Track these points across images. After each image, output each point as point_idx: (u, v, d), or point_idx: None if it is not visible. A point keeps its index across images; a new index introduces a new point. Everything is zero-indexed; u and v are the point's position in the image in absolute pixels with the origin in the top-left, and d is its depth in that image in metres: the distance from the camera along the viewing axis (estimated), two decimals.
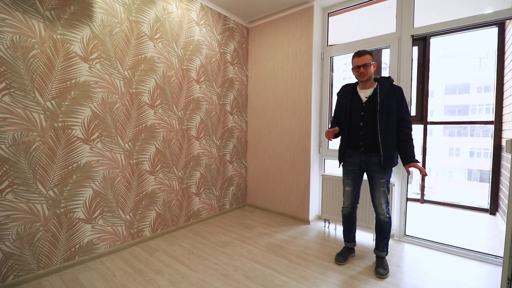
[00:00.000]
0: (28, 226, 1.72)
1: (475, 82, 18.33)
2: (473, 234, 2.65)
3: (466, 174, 17.73)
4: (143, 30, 2.26)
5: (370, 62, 1.87)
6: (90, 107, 1.96)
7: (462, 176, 17.81)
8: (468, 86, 18.63)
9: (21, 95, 1.66)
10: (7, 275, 1.65)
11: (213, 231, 2.62)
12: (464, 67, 19.25)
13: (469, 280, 1.81)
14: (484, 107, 17.81)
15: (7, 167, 1.62)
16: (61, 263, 1.87)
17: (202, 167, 2.85)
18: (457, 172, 17.97)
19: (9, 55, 1.61)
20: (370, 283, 1.77)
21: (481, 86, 18.08)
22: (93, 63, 1.96)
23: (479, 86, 18.16)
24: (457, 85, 18.96)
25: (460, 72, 19.12)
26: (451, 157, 18.26)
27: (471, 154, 17.56)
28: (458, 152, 18.11)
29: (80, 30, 1.89)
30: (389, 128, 1.86)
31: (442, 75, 19.27)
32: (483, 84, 17.93)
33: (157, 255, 2.12)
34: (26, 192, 1.70)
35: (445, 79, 19.30)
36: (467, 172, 17.65)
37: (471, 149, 17.60)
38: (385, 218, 1.91)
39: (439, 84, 19.42)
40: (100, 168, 2.04)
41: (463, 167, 17.68)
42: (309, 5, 2.78)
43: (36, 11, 1.71)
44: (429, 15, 2.83)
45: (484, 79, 17.94)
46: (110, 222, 2.12)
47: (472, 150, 17.51)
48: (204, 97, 2.83)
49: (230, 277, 1.81)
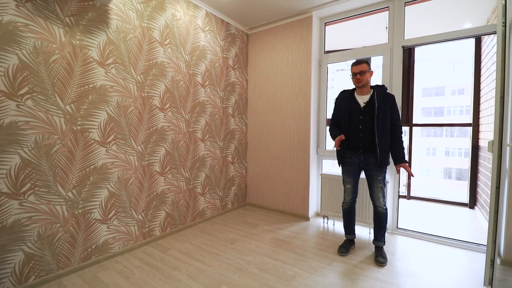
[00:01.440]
0: (49, 227, 1.76)
1: (450, 85, 19.46)
2: (455, 226, 2.93)
3: (442, 172, 18.75)
4: (154, 36, 2.35)
5: (366, 70, 2.07)
6: (106, 111, 2.02)
7: (438, 175, 18.82)
8: (444, 89, 19.73)
9: (43, 99, 1.71)
10: (29, 276, 1.69)
11: (219, 229, 2.73)
12: (440, 71, 20.35)
13: (454, 265, 2.05)
14: (458, 108, 18.94)
15: (29, 170, 1.66)
16: (79, 263, 1.92)
17: (207, 168, 2.95)
18: (433, 171, 18.96)
19: (31, 60, 1.65)
20: (371, 270, 1.96)
21: (455, 89, 19.21)
22: (109, 68, 2.03)
23: (453, 89, 19.29)
24: (433, 88, 20.03)
25: (436, 75, 20.19)
26: (428, 156, 19.27)
27: (447, 154, 18.59)
28: (434, 151, 19.13)
29: (97, 36, 1.96)
30: (385, 131, 2.07)
31: (420, 79, 20.29)
32: (457, 87, 19.06)
33: (170, 252, 2.20)
34: (47, 194, 1.74)
35: (422, 82, 20.35)
36: (443, 170, 18.68)
37: (446, 149, 18.63)
38: (382, 210, 2.12)
39: (416, 87, 20.40)
40: (115, 170, 2.10)
41: (439, 166, 18.69)
42: (308, 15, 2.96)
43: (57, 17, 1.76)
44: (417, 26, 3.10)
45: (458, 82, 19.07)
46: (124, 222, 2.18)
47: (448, 150, 18.54)
48: (208, 101, 2.94)
49: (245, 270, 1.94)
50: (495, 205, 1.65)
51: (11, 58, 1.58)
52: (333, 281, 1.82)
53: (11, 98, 1.58)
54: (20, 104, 1.61)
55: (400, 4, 2.59)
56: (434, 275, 1.90)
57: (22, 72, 1.62)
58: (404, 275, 1.91)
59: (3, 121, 1.55)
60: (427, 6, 2.79)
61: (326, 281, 1.82)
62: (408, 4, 2.59)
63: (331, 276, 1.88)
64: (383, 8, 2.71)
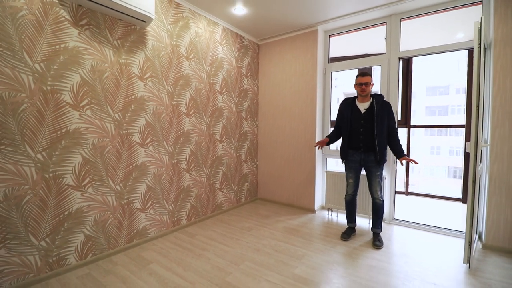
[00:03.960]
0: (102, 214, 2.15)
1: (454, 84, 19.49)
2: (448, 218, 3.25)
3: (446, 171, 18.84)
4: (181, 52, 2.72)
5: (370, 81, 2.42)
6: (145, 118, 2.40)
7: (442, 174, 18.91)
8: (448, 87, 19.76)
9: (98, 109, 2.09)
10: (87, 253, 2.08)
11: (236, 220, 3.10)
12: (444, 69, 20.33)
13: (441, 248, 2.38)
14: (463, 107, 18.99)
15: (88, 167, 2.05)
16: (124, 244, 2.30)
17: (224, 166, 3.33)
18: (437, 170, 19.07)
19: (89, 77, 2.04)
20: (369, 252, 2.31)
21: (460, 88, 19.24)
22: (146, 81, 2.40)
23: (458, 87, 19.33)
24: (437, 86, 20.07)
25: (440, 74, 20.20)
26: (432, 155, 19.36)
27: (451, 153, 18.68)
28: (438, 150, 19.23)
29: (137, 55, 2.33)
30: (383, 133, 2.41)
31: (423, 77, 20.32)
32: (461, 85, 19.09)
33: (197, 237, 2.58)
34: (101, 186, 2.13)
35: (426, 81, 20.38)
36: (446, 169, 18.77)
37: (450, 148, 18.72)
38: (379, 201, 2.47)
39: (420, 85, 20.48)
40: (151, 167, 2.48)
41: (443, 165, 18.79)
42: (313, 29, 3.31)
43: (108, 41, 2.14)
44: (412, 36, 3.43)
45: (463, 81, 19.09)
46: (158, 212, 2.56)
47: (452, 149, 18.62)
48: (225, 106, 3.31)
49: (262, 251, 2.31)
50: (472, 195, 1.99)
51: (75, 76, 1.96)
52: (336, 259, 2.18)
53: (75, 109, 1.96)
54: (82, 114, 2.00)
55: (396, 20, 2.92)
56: (423, 255, 2.25)
57: (83, 88, 2.00)
58: (397, 255, 2.26)
59: (69, 127, 1.93)
60: (421, 20, 3.11)
61: (331, 259, 2.18)
62: (404, 19, 2.92)
63: (335, 255, 2.24)
64: (381, 23, 3.05)
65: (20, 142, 1.70)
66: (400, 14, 2.89)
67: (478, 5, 2.52)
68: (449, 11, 2.72)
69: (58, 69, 1.86)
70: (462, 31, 3.52)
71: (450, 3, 2.61)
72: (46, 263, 1.84)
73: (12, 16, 1.65)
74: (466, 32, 3.47)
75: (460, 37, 3.53)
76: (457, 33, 3.59)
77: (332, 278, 1.91)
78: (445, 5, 2.65)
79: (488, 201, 2.37)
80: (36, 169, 1.77)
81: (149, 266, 2.06)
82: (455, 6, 2.62)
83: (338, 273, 1.98)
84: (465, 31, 3.47)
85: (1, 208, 1.63)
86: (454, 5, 2.61)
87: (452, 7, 2.63)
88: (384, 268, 2.05)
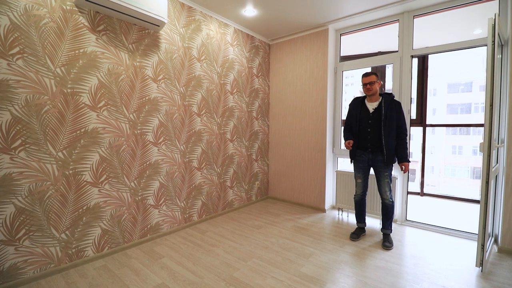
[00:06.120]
0: (118, 209, 2.27)
1: (478, 81, 18.58)
2: (464, 219, 3.15)
3: (469, 172, 18.03)
4: (193, 54, 2.80)
5: (375, 80, 2.39)
6: (158, 117, 2.50)
7: (465, 174, 18.12)
8: (471, 84, 18.87)
9: (114, 110, 2.20)
10: (104, 247, 2.20)
11: (246, 217, 3.16)
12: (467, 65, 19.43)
13: (454, 251, 2.33)
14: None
15: (105, 165, 2.17)
16: (138, 239, 2.42)
17: (234, 164, 3.39)
18: (460, 170, 18.29)
19: (106, 80, 2.15)
20: (378, 253, 2.30)
21: (483, 85, 18.28)
22: (160, 83, 2.50)
23: (481, 84, 18.40)
24: (459, 83, 19.21)
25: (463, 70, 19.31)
26: (453, 155, 18.59)
27: (474, 153, 17.86)
28: (460, 150, 18.43)
29: (151, 58, 2.44)
30: (391, 134, 2.38)
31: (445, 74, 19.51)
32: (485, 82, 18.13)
33: (208, 234, 2.66)
34: (117, 183, 2.25)
35: (448, 77, 19.55)
36: (469, 170, 17.96)
37: (474, 148, 17.90)
38: (389, 202, 2.44)
39: (442, 82, 19.68)
40: (164, 165, 2.58)
41: (466, 165, 17.99)
42: (324, 28, 3.30)
43: (123, 45, 2.25)
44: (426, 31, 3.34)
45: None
46: (171, 208, 2.66)
47: (475, 149, 17.79)
48: (236, 106, 3.37)
49: (270, 248, 2.35)
50: (485, 197, 1.93)
51: (93, 79, 2.08)
52: (344, 259, 2.18)
53: (93, 110, 2.08)
54: (99, 114, 2.12)
55: (409, 17, 2.86)
56: (434, 257, 2.21)
57: (100, 90, 2.12)
58: (407, 256, 2.23)
59: (88, 127, 2.06)
60: (438, 17, 3.02)
61: (338, 258, 2.18)
62: (417, 16, 2.85)
63: (343, 255, 2.24)
64: (393, 21, 2.99)
65: (43, 141, 1.83)
66: (413, 11, 2.83)
67: (494, 0, 2.43)
68: (466, 7, 2.63)
69: (77, 73, 1.98)
70: (480, 27, 3.38)
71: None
72: (66, 255, 1.98)
73: (35, 24, 1.78)
74: (484, 28, 3.33)
75: (478, 33, 3.40)
76: (474, 30, 3.45)
77: (339, 277, 1.92)
78: (460, 1, 2.57)
79: (505, 204, 2.29)
80: (58, 167, 1.91)
81: (161, 260, 2.15)
82: (471, 2, 2.53)
83: (345, 272, 1.99)
84: (483, 27, 3.34)
85: (25, 202, 1.77)
86: (470, 1, 2.53)
87: (467, 3, 2.55)
88: (393, 269, 2.03)
